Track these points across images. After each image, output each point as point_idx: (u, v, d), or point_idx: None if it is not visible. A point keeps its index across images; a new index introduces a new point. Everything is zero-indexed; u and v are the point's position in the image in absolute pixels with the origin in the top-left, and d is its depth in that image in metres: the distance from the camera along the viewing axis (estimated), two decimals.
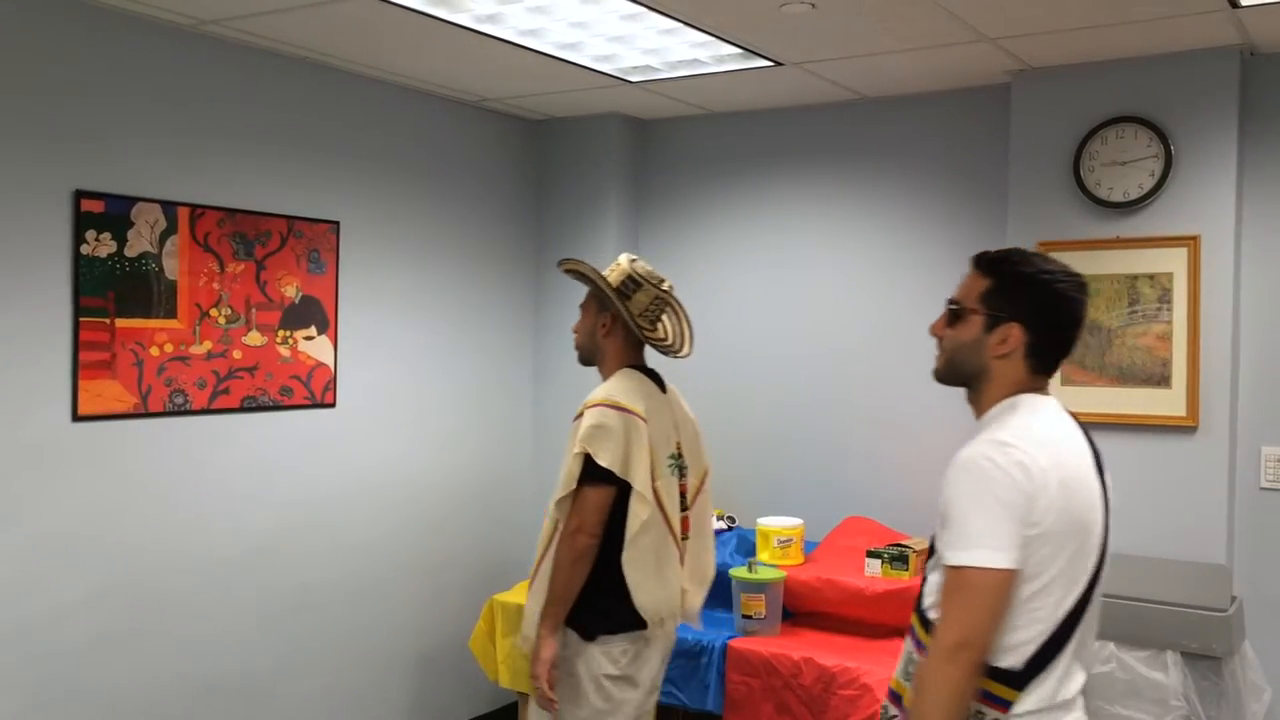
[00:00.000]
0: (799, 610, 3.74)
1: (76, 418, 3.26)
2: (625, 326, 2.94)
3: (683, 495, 2.96)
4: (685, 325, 3.10)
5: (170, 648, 3.53)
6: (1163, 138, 3.63)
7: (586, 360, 3.02)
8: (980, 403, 1.99)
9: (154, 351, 3.44)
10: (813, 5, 3.21)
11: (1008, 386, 1.95)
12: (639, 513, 2.76)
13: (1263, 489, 3.66)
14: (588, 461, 2.74)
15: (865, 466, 4.34)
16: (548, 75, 4.05)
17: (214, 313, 3.61)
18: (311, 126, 3.94)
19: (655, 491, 2.82)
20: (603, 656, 2.77)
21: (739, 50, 3.69)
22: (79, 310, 3.25)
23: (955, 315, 2.02)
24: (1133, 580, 3.59)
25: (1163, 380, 3.65)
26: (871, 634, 3.59)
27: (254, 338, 3.74)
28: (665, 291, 2.97)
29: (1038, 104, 3.85)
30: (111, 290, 3.33)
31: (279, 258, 3.81)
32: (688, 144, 4.77)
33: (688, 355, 3.09)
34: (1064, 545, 1.83)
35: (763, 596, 3.59)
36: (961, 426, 4.24)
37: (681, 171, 4.79)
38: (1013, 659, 1.82)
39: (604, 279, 2.92)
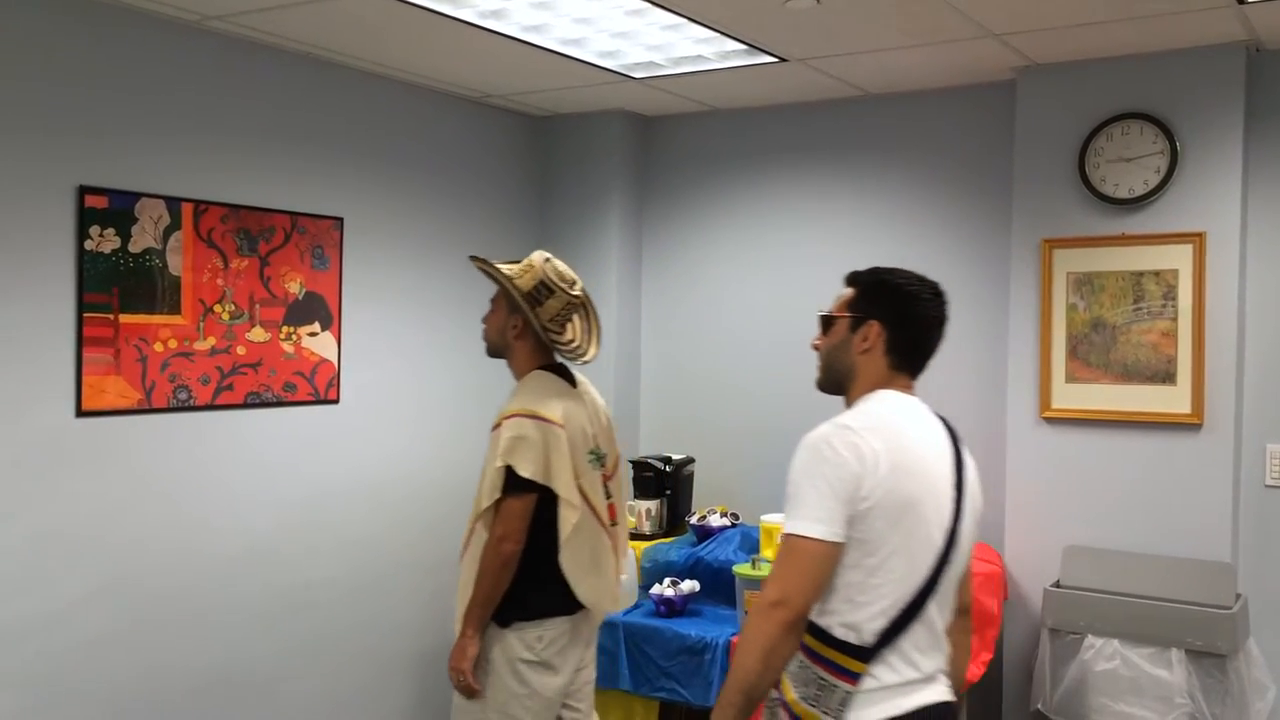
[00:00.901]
0: None
1: (80, 413, 3.26)
2: (522, 325, 3.01)
3: (605, 483, 3.07)
4: (594, 327, 3.15)
5: (172, 644, 3.53)
6: (1168, 134, 3.62)
7: (495, 354, 3.08)
8: (849, 400, 2.19)
9: (158, 347, 3.44)
10: (817, 1, 3.20)
11: (871, 381, 2.17)
12: (569, 517, 2.87)
13: (1268, 486, 3.65)
14: (509, 472, 2.82)
15: None
16: (551, 71, 4.04)
17: (218, 309, 3.61)
18: (315, 122, 3.94)
19: (581, 490, 2.92)
20: (518, 643, 2.88)
21: (743, 46, 3.68)
22: (83, 306, 3.25)
23: (826, 323, 2.26)
24: (1137, 578, 3.59)
25: (1168, 378, 3.64)
26: None
27: (257, 334, 3.74)
28: (576, 296, 3.01)
29: (1043, 100, 3.84)
30: (115, 286, 3.33)
31: (283, 254, 3.81)
32: (691, 140, 4.76)
33: (593, 359, 3.14)
34: (897, 522, 1.98)
35: None
36: (966, 422, 4.24)
37: (685, 168, 4.79)
38: (861, 634, 1.97)
39: (515, 285, 2.95)
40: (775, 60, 3.82)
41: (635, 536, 4.22)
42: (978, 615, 3.56)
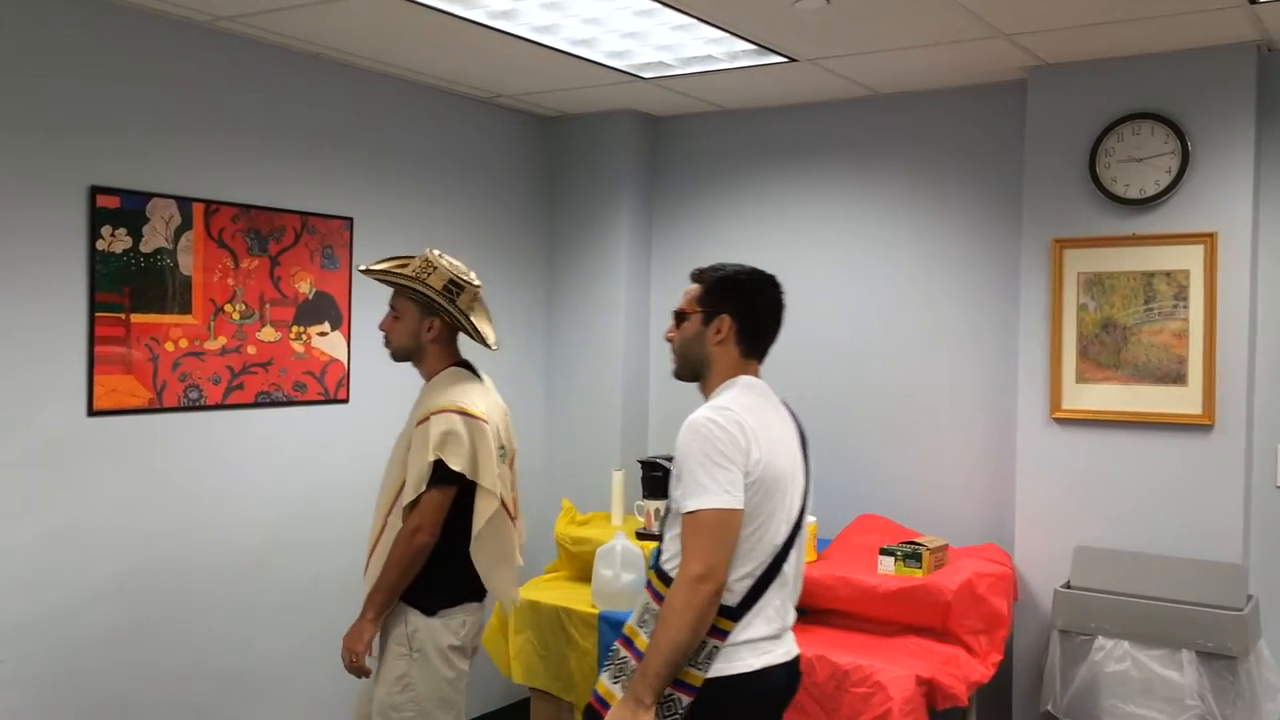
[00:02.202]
0: (811, 608, 3.73)
1: (92, 412, 3.28)
2: (451, 328, 3.03)
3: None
4: (489, 314, 3.20)
5: (185, 639, 3.54)
6: (1179, 134, 3.61)
7: (404, 359, 3.06)
8: (707, 387, 2.40)
9: (169, 347, 3.46)
10: (827, 1, 3.19)
11: (726, 370, 2.37)
12: (485, 509, 2.92)
13: (1279, 487, 3.63)
14: (438, 465, 2.86)
15: (878, 464, 4.33)
16: (561, 71, 4.05)
17: (228, 308, 3.62)
18: (326, 123, 3.95)
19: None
20: (444, 629, 2.93)
21: (753, 46, 3.68)
22: (94, 305, 3.27)
23: (680, 319, 2.42)
24: (1148, 579, 3.58)
25: (1179, 378, 3.63)
26: (884, 632, 3.58)
27: (268, 333, 3.75)
28: (478, 285, 3.07)
29: (1053, 100, 3.83)
30: (127, 286, 3.34)
31: (293, 254, 3.82)
32: (700, 140, 4.76)
33: (498, 348, 3.20)
34: (770, 495, 2.24)
35: None
36: (977, 423, 4.22)
37: (694, 168, 4.78)
38: (731, 596, 2.20)
39: (428, 285, 2.96)
40: (785, 60, 3.82)
41: (644, 536, 4.22)
42: (988, 616, 3.57)
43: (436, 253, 3.03)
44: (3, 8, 3.07)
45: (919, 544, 3.67)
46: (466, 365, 3.10)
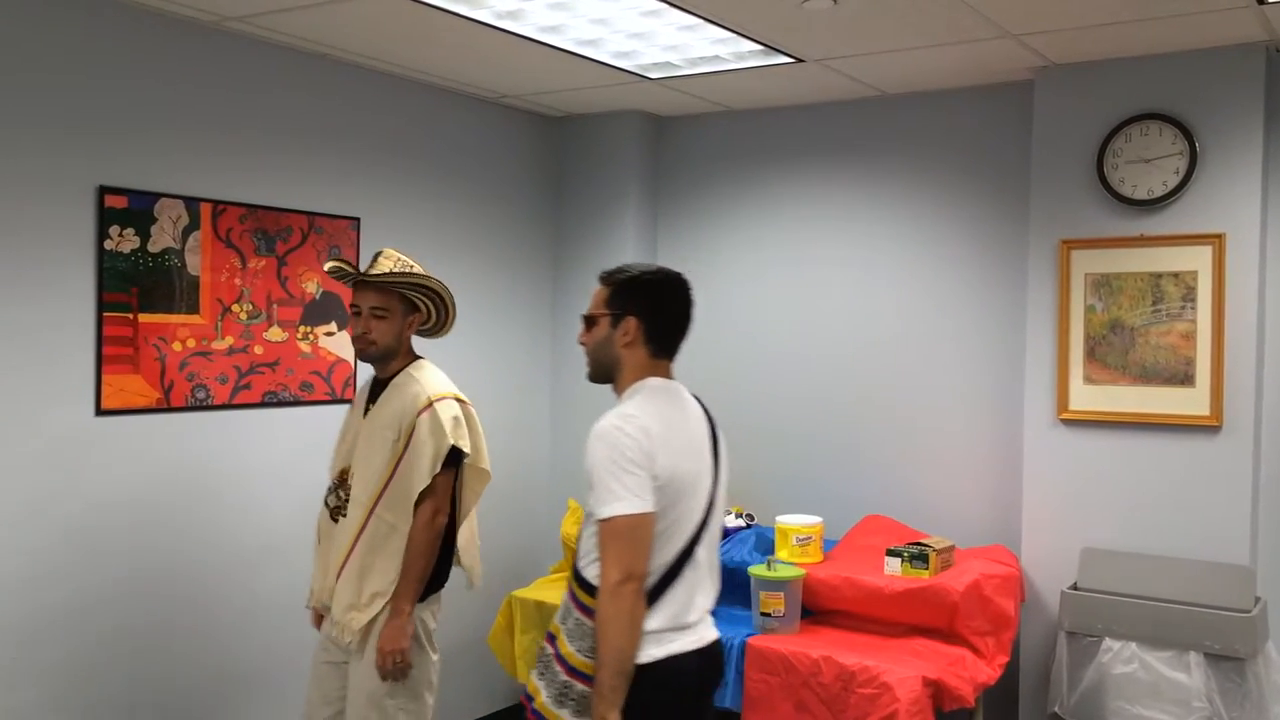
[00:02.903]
0: (818, 608, 3.73)
1: (100, 412, 3.28)
2: (418, 322, 3.12)
3: None
4: None
5: (193, 638, 3.55)
6: (1188, 135, 3.60)
7: (384, 358, 3.06)
8: (619, 389, 2.41)
9: (176, 347, 3.46)
10: (834, 1, 3.19)
11: (636, 371, 2.39)
12: (480, 489, 3.10)
13: None
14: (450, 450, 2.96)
15: (885, 465, 4.33)
16: (567, 72, 4.05)
17: (236, 308, 3.63)
18: (333, 122, 3.95)
19: None
20: (428, 614, 3.04)
21: (760, 47, 3.68)
22: (102, 305, 3.28)
23: (589, 323, 2.43)
24: (1156, 580, 3.57)
25: (1186, 379, 3.62)
26: (891, 633, 3.57)
27: (275, 333, 3.75)
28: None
29: (1061, 100, 3.83)
30: (135, 285, 3.35)
31: (300, 254, 3.82)
32: (707, 141, 4.76)
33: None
34: (678, 498, 2.28)
35: (782, 594, 3.58)
36: (983, 424, 4.22)
37: (700, 168, 4.78)
38: None
39: (438, 284, 3.07)
40: (792, 61, 3.82)
41: None
42: (995, 617, 3.56)
43: (399, 253, 3.10)
44: (10, 9, 3.08)
45: (925, 545, 3.67)
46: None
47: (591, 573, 2.26)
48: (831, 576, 3.68)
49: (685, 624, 2.34)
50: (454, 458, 2.96)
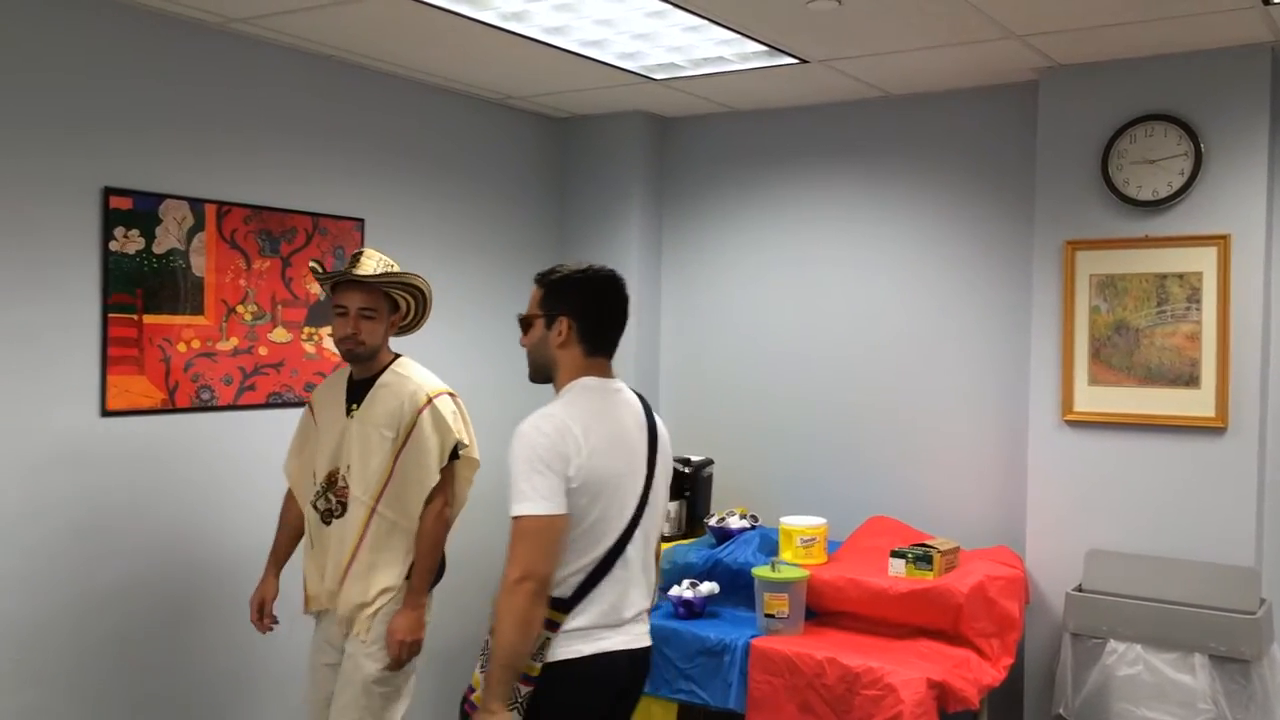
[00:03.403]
0: (822, 610, 3.73)
1: (105, 413, 3.29)
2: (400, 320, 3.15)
3: None
4: None
5: (196, 640, 3.55)
6: (1192, 136, 3.60)
7: (368, 358, 3.07)
8: (557, 388, 2.45)
9: (181, 348, 3.47)
10: (839, 2, 3.19)
11: (571, 370, 2.42)
12: (471, 476, 3.15)
13: None
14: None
15: (889, 466, 4.32)
16: (572, 73, 4.05)
17: (240, 309, 3.63)
18: (337, 124, 3.95)
19: None
20: (425, 610, 3.09)
21: (764, 47, 3.68)
22: (107, 306, 3.28)
23: (525, 325, 2.48)
24: (1161, 582, 3.56)
25: (1191, 380, 3.62)
26: (895, 634, 3.57)
27: (279, 334, 3.76)
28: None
29: (1066, 101, 3.82)
30: (140, 287, 3.35)
31: (304, 255, 3.82)
32: (711, 141, 4.76)
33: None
34: (596, 497, 2.30)
35: (786, 595, 3.58)
36: (988, 425, 4.21)
37: (704, 169, 4.78)
38: (563, 589, 2.31)
39: (425, 284, 3.12)
40: (796, 61, 3.82)
41: None
42: (1000, 619, 3.56)
43: (371, 248, 3.14)
44: (15, 10, 3.08)
45: (930, 546, 3.67)
46: None
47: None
48: (836, 578, 3.68)
49: (618, 621, 2.38)
50: (452, 452, 3.05)
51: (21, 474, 3.12)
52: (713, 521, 4.14)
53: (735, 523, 4.11)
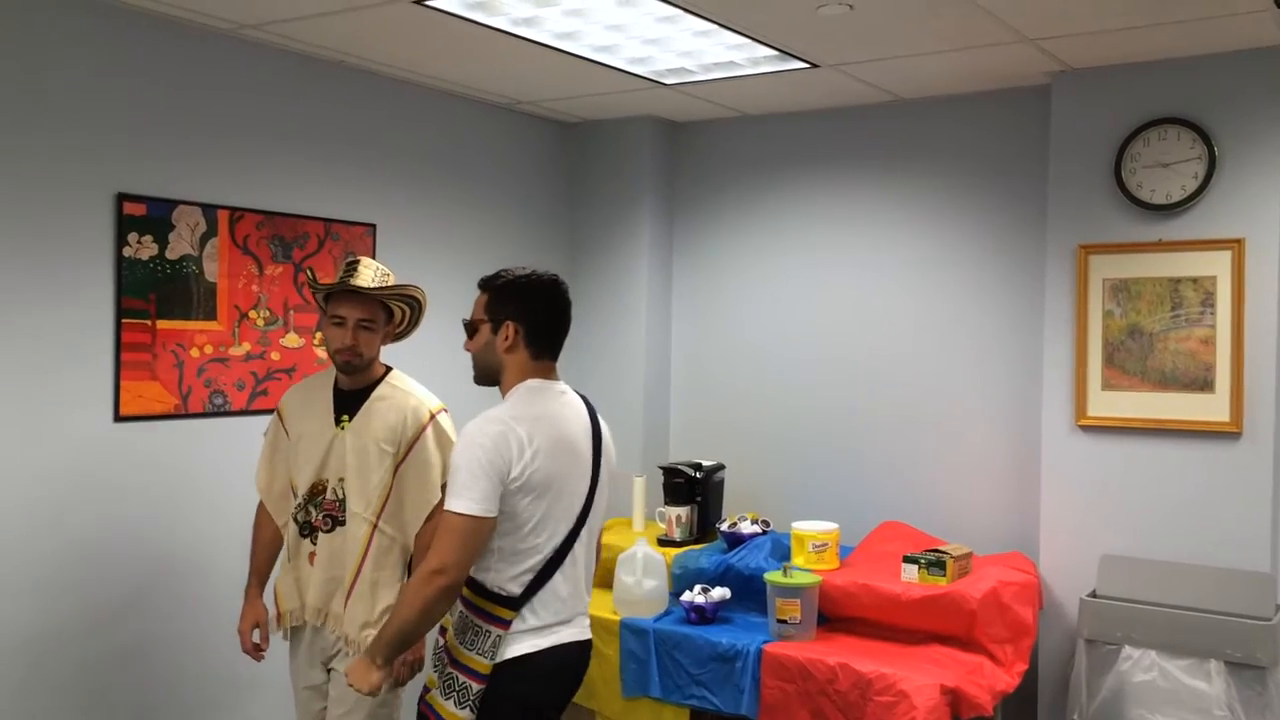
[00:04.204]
0: (834, 615, 3.72)
1: (118, 418, 3.30)
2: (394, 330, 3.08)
3: None
4: None
5: (209, 648, 3.55)
6: (1206, 139, 3.58)
7: (363, 369, 2.97)
8: (504, 391, 2.50)
9: (194, 353, 3.48)
10: (850, 7, 3.19)
11: (518, 373, 2.48)
12: None
13: None
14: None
15: (901, 470, 4.31)
16: (582, 78, 4.05)
17: (253, 314, 3.64)
18: (348, 130, 3.97)
19: None
20: None
21: (775, 52, 3.68)
22: (121, 312, 3.29)
23: (471, 330, 2.53)
24: (1175, 588, 3.54)
25: (1206, 385, 3.60)
26: (908, 640, 3.55)
27: (292, 339, 3.76)
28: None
29: (1078, 105, 3.81)
30: (153, 292, 3.37)
31: (316, 260, 3.83)
32: (722, 146, 4.76)
33: None
34: (541, 497, 2.38)
35: (798, 601, 3.57)
36: (1001, 430, 4.19)
37: (715, 174, 4.78)
38: (513, 587, 2.38)
39: (424, 296, 3.06)
40: (807, 66, 3.81)
41: (665, 543, 4.21)
42: (1013, 625, 3.54)
43: (366, 256, 3.09)
44: (29, 18, 3.10)
45: (943, 552, 3.65)
46: None
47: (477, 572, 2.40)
48: (848, 583, 3.67)
49: (570, 617, 2.47)
50: None
51: (35, 479, 3.13)
52: (724, 526, 4.14)
53: (747, 528, 4.10)
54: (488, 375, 2.53)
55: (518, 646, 2.39)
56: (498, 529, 2.36)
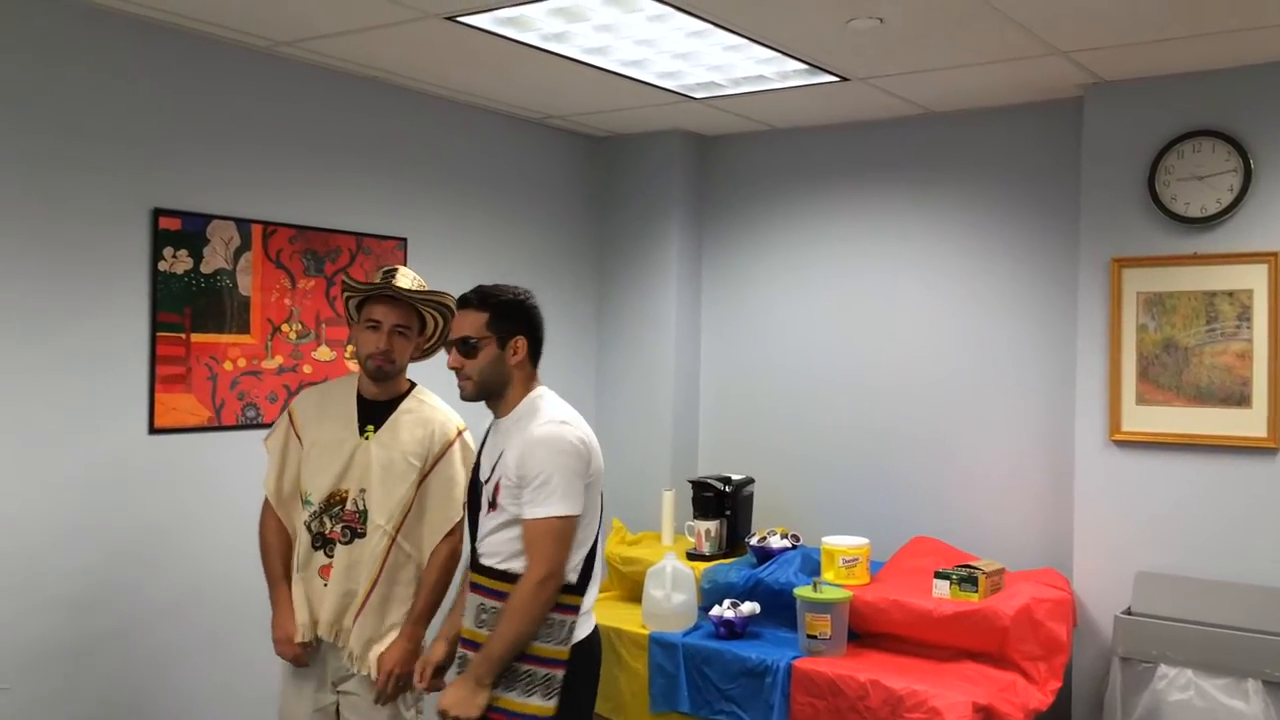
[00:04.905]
0: (865, 631, 3.69)
1: (153, 430, 3.33)
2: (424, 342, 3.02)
3: None
4: None
5: (243, 656, 3.57)
6: (1242, 151, 3.55)
7: (395, 377, 2.93)
8: (505, 403, 2.59)
9: (227, 366, 3.51)
10: (881, 20, 3.18)
11: (523, 385, 2.60)
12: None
13: None
14: None
15: (932, 485, 4.28)
16: (612, 92, 4.07)
17: (285, 328, 3.67)
18: (380, 144, 4.00)
19: None
20: (420, 643, 2.96)
21: (804, 66, 3.68)
22: (156, 325, 3.33)
23: (472, 348, 2.56)
24: (1212, 606, 3.49)
25: (1242, 400, 3.55)
26: (940, 656, 3.52)
27: (323, 353, 3.79)
28: None
29: (1111, 117, 3.78)
30: (188, 306, 3.40)
31: (348, 274, 3.86)
32: (750, 160, 4.76)
33: None
34: (596, 489, 2.56)
35: (828, 616, 3.55)
36: (1034, 445, 4.14)
37: (744, 187, 4.78)
38: (573, 576, 2.51)
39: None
40: (836, 79, 3.81)
41: (694, 557, 4.20)
42: (1047, 642, 3.50)
43: (403, 266, 3.01)
44: (65, 36, 3.15)
45: (975, 568, 3.62)
46: None
47: (517, 565, 2.47)
48: (879, 599, 3.64)
49: (595, 600, 2.63)
50: None
51: (71, 491, 3.17)
52: (754, 541, 4.12)
53: (776, 542, 4.08)
54: (488, 390, 2.58)
55: (581, 629, 2.52)
56: None
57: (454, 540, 2.91)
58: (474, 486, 2.66)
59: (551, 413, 2.54)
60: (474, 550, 2.60)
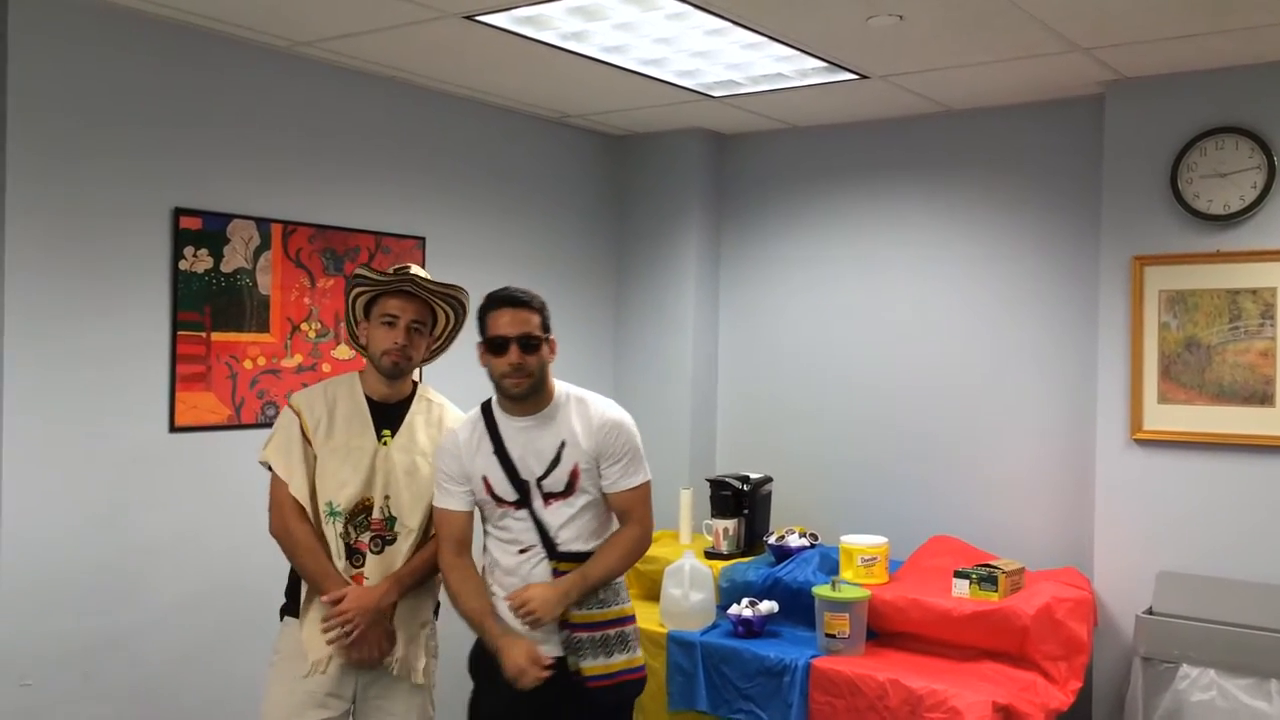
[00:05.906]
0: (884, 630, 3.68)
1: (173, 428, 3.35)
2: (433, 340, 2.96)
3: None
4: None
5: (263, 654, 3.58)
6: (1265, 148, 3.52)
7: (406, 374, 2.87)
8: (541, 396, 2.75)
9: (247, 364, 3.53)
10: (900, 18, 3.17)
11: (551, 378, 2.79)
12: None
13: None
14: None
15: (951, 484, 4.26)
16: (630, 91, 4.07)
17: (304, 327, 3.69)
18: (399, 144, 4.01)
19: None
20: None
21: (823, 64, 3.66)
22: (176, 324, 3.35)
23: (535, 346, 2.71)
24: (1234, 605, 3.47)
25: (1265, 399, 3.53)
26: (959, 656, 3.51)
27: (342, 351, 3.80)
28: None
29: (1133, 114, 3.76)
30: (208, 304, 3.42)
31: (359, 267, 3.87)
32: (769, 158, 4.75)
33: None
34: None
35: (847, 615, 3.54)
36: (1055, 444, 4.12)
37: (763, 186, 4.77)
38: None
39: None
40: (856, 77, 3.80)
41: (712, 555, 4.20)
42: (1068, 642, 3.48)
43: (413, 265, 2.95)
44: (86, 37, 3.17)
45: (994, 567, 3.60)
46: None
47: (596, 544, 2.73)
48: (898, 598, 3.63)
49: None
50: None
51: (91, 489, 3.19)
52: (772, 539, 4.11)
53: (794, 541, 4.07)
54: (538, 386, 2.74)
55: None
56: None
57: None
58: (517, 485, 2.70)
59: (596, 398, 2.81)
60: (549, 542, 2.69)
